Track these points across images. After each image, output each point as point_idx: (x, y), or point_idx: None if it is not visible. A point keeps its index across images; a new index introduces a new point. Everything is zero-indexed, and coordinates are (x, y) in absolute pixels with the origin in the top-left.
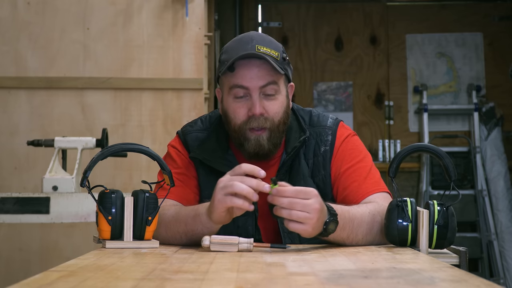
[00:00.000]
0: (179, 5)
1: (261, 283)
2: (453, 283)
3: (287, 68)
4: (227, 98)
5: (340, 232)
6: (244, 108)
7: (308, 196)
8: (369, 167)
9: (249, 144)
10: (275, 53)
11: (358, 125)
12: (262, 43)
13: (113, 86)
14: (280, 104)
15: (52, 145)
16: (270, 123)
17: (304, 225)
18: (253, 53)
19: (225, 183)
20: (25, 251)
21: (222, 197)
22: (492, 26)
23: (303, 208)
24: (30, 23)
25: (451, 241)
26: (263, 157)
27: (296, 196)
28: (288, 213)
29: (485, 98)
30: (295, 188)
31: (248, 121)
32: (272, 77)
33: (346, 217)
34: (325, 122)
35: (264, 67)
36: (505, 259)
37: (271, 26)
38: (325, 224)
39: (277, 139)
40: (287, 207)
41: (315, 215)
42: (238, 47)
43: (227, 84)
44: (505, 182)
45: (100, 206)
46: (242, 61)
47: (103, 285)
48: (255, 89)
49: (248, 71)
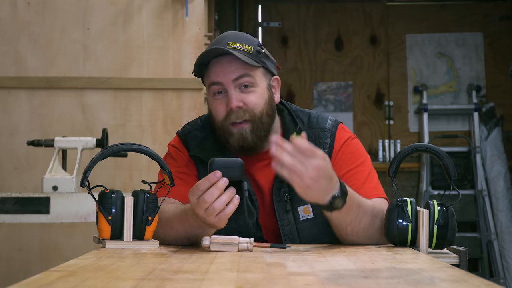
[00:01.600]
0: (179, 5)
1: (261, 283)
2: (453, 283)
3: (264, 61)
4: (209, 98)
5: (345, 214)
6: (222, 104)
7: (314, 154)
8: (368, 172)
9: (233, 139)
10: (247, 47)
11: (358, 125)
12: (233, 39)
13: (113, 86)
14: (258, 96)
15: (52, 145)
16: (250, 115)
17: (301, 181)
18: (220, 49)
19: (202, 211)
20: (25, 251)
21: (206, 214)
22: (492, 26)
23: (303, 162)
24: (30, 23)
25: (451, 241)
26: (249, 150)
27: (302, 150)
28: (288, 162)
29: (485, 98)
30: (305, 144)
31: (228, 116)
32: (244, 69)
33: (355, 200)
34: (324, 124)
35: (235, 62)
36: (505, 259)
37: (271, 26)
38: (333, 197)
39: (261, 131)
40: (289, 155)
41: (313, 173)
42: (210, 47)
43: (207, 83)
44: (505, 182)
45: (100, 206)
46: (215, 59)
47: (103, 285)
48: (228, 83)
49: (220, 66)
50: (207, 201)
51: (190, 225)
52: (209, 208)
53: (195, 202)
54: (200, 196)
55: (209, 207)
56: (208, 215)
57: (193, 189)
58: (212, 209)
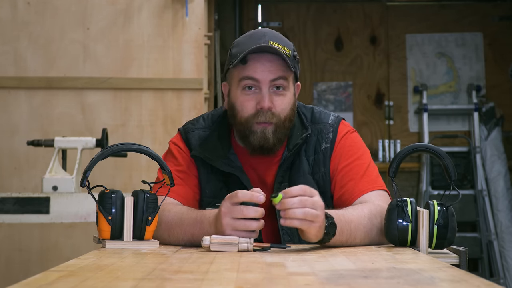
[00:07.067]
0: (179, 5)
1: (261, 283)
2: (453, 283)
3: (296, 67)
4: (236, 91)
5: (338, 236)
6: (252, 101)
7: (313, 193)
8: (367, 165)
9: (254, 137)
10: (286, 50)
11: (358, 125)
12: (274, 39)
13: (113, 86)
14: (287, 101)
15: (52, 145)
16: (277, 119)
17: (314, 224)
18: (266, 47)
19: (229, 219)
20: (25, 251)
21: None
22: (492, 26)
23: (313, 205)
24: (30, 23)
25: (451, 241)
26: (267, 151)
27: (304, 193)
28: (302, 212)
29: (485, 98)
30: (300, 186)
31: (256, 115)
32: (283, 72)
33: (342, 220)
34: (327, 120)
35: (276, 62)
36: (505, 259)
37: (271, 26)
38: (326, 228)
39: (282, 134)
40: (299, 206)
41: (322, 213)
42: (250, 41)
43: (237, 76)
44: (505, 182)
45: (100, 206)
46: (254, 54)
47: (103, 285)
48: (265, 82)
49: (260, 64)
50: (238, 214)
51: (202, 231)
52: (236, 221)
53: (229, 207)
54: (236, 205)
55: (237, 219)
56: (231, 226)
57: (233, 195)
58: (243, 225)
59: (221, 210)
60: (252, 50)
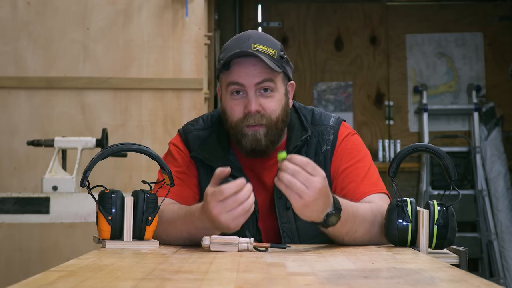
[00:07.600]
0: (179, 5)
1: (261, 283)
2: (453, 283)
3: (285, 66)
4: (225, 96)
5: (340, 227)
6: (240, 105)
7: (315, 172)
8: (368, 167)
9: (246, 140)
10: (271, 51)
11: (358, 125)
12: (258, 41)
13: (113, 86)
14: (277, 102)
15: (52, 145)
16: (267, 120)
17: (300, 200)
18: (246, 51)
19: (226, 214)
20: (25, 251)
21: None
22: (492, 26)
23: (305, 182)
24: (30, 23)
25: (451, 241)
26: (260, 153)
27: (305, 167)
28: (288, 180)
29: (485, 98)
30: (306, 159)
31: (245, 118)
32: (268, 74)
33: (350, 212)
34: (327, 121)
35: (259, 65)
36: (505, 259)
37: (271, 26)
38: (327, 215)
39: (275, 136)
40: (289, 173)
41: (313, 193)
42: (235, 45)
43: (225, 81)
44: (505, 182)
45: (100, 206)
46: (238, 59)
47: (103, 285)
48: (250, 86)
49: (243, 68)
50: (233, 205)
51: (194, 227)
52: (232, 212)
53: (218, 205)
54: (225, 200)
55: (232, 210)
56: (231, 218)
57: (216, 192)
58: (236, 213)
59: (211, 211)
60: (234, 55)
